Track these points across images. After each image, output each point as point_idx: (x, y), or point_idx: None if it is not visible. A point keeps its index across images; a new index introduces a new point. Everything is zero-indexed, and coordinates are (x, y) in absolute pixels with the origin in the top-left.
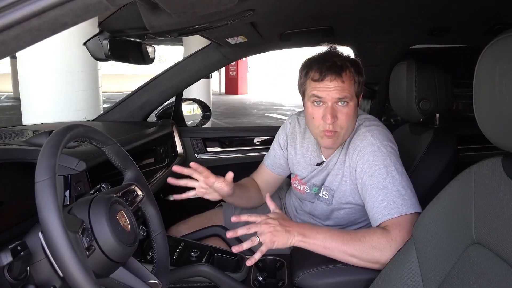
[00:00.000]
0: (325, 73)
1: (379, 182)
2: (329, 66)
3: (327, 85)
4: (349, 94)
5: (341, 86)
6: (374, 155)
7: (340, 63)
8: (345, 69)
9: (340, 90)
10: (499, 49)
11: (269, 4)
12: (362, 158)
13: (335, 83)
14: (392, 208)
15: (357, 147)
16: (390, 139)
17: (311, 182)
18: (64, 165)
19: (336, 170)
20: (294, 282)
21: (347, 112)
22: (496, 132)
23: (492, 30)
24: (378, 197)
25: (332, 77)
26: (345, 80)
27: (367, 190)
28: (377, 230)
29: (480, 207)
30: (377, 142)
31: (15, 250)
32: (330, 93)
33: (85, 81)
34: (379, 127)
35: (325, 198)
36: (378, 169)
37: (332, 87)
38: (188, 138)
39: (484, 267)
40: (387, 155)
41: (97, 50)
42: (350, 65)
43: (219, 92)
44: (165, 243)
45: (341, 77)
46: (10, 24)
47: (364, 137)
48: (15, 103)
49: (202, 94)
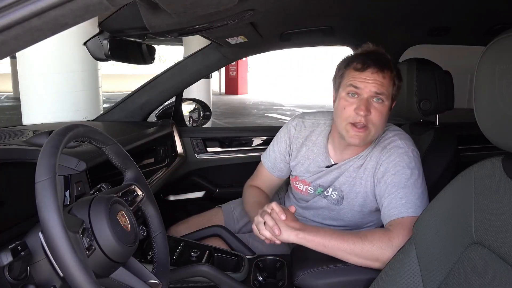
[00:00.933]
0: (368, 64)
1: (402, 181)
2: (374, 58)
3: (367, 76)
4: (386, 92)
5: (381, 81)
6: (400, 156)
7: (385, 60)
8: (388, 67)
9: (379, 85)
10: (499, 49)
11: (269, 4)
12: (388, 158)
13: (376, 76)
14: (410, 207)
15: (384, 149)
16: (415, 146)
17: (317, 182)
18: (64, 165)
19: (350, 172)
20: (294, 282)
21: (381, 110)
22: (496, 132)
23: (492, 30)
24: (397, 195)
25: (375, 69)
26: (386, 77)
27: (388, 187)
28: (378, 229)
29: (480, 207)
30: (405, 146)
31: (15, 250)
32: (369, 85)
33: (85, 81)
34: (406, 135)
35: (333, 198)
36: (402, 169)
37: (372, 80)
38: (188, 138)
39: (484, 267)
40: (413, 159)
41: (97, 50)
42: (393, 66)
43: (219, 92)
44: (165, 243)
45: (383, 72)
46: (10, 24)
47: (392, 140)
48: (15, 103)
49: (202, 94)
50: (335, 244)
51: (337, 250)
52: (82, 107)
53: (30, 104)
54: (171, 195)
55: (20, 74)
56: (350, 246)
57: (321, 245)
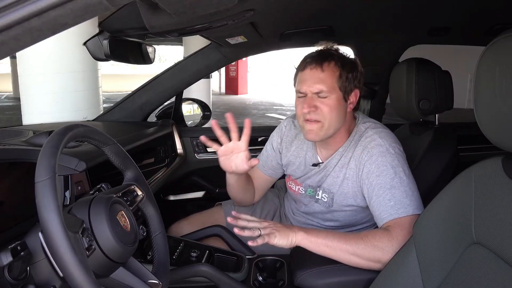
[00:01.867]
0: (307, 62)
1: (387, 182)
2: (313, 55)
3: (307, 75)
4: (328, 87)
5: (319, 77)
6: (382, 156)
7: (326, 53)
8: (328, 60)
9: (318, 82)
10: (499, 49)
11: (269, 4)
12: (370, 158)
13: (314, 73)
14: (399, 208)
15: (365, 148)
16: (397, 141)
17: (306, 183)
18: (64, 165)
19: (336, 173)
20: (294, 282)
21: (328, 103)
22: (496, 132)
23: (492, 30)
24: (385, 197)
25: (312, 65)
26: (325, 70)
27: (374, 189)
28: (378, 229)
29: (480, 207)
30: (385, 143)
31: (15, 250)
32: (308, 83)
33: (85, 81)
34: (386, 130)
35: (324, 201)
36: (386, 169)
37: (310, 77)
38: (188, 138)
39: (484, 267)
40: (395, 157)
41: (97, 50)
42: (337, 58)
43: (219, 92)
44: (165, 243)
45: (321, 66)
46: (10, 24)
47: (372, 138)
48: (15, 103)
49: (202, 94)
50: (337, 245)
51: (339, 251)
52: (82, 107)
53: (30, 104)
54: (171, 195)
55: (20, 74)
56: (353, 247)
57: (323, 245)
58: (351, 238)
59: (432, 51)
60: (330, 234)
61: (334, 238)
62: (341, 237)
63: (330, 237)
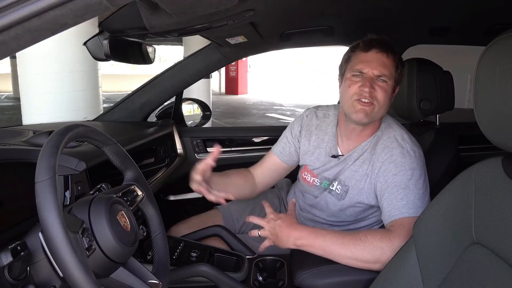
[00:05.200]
0: (373, 44)
1: (402, 181)
2: (379, 40)
3: (372, 56)
4: (389, 73)
5: (384, 61)
6: (402, 156)
7: (389, 44)
8: (392, 50)
9: (382, 66)
10: (499, 49)
11: (269, 4)
12: (390, 157)
13: (380, 56)
14: (410, 208)
15: (386, 147)
16: (418, 146)
17: (323, 175)
18: (64, 165)
19: (356, 167)
20: (294, 282)
21: (385, 88)
22: (496, 132)
23: (492, 30)
24: (398, 195)
25: (378, 50)
26: (389, 57)
27: (388, 187)
28: (379, 230)
29: (480, 207)
30: (407, 145)
31: (15, 250)
32: (372, 65)
33: (85, 81)
34: (409, 133)
35: (337, 192)
36: (403, 170)
37: (376, 59)
38: (188, 138)
39: (484, 267)
40: (415, 160)
41: (97, 50)
42: (396, 52)
43: (219, 92)
44: (165, 243)
45: (386, 53)
46: (10, 24)
47: (395, 139)
48: (15, 103)
49: (202, 94)
50: (335, 250)
51: (337, 256)
52: (82, 107)
53: (30, 104)
54: (171, 195)
55: (20, 74)
56: (351, 251)
57: (321, 250)
58: (349, 240)
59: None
60: (327, 239)
61: (332, 243)
62: (338, 241)
63: (327, 242)
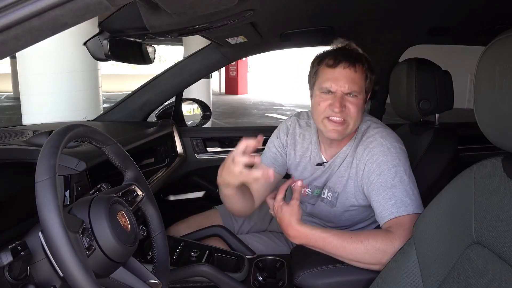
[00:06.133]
0: (340, 59)
1: (387, 181)
2: (346, 53)
3: (339, 73)
4: (358, 88)
5: (352, 77)
6: (383, 155)
7: (356, 54)
8: (359, 62)
9: (350, 82)
10: (499, 49)
11: (269, 4)
12: (371, 158)
13: (347, 72)
14: (400, 206)
15: (366, 148)
16: (399, 140)
17: (313, 184)
18: (64, 165)
19: (341, 172)
20: (294, 282)
21: (357, 103)
22: (496, 132)
23: (492, 30)
24: (385, 195)
25: (346, 64)
26: (357, 71)
27: (374, 188)
28: (379, 231)
29: (480, 207)
30: (386, 143)
31: (15, 250)
32: (341, 82)
33: (85, 81)
34: (387, 129)
35: (329, 199)
36: (387, 168)
37: (344, 76)
38: (188, 138)
39: (484, 267)
40: (397, 156)
41: (97, 50)
42: (364, 60)
43: (219, 92)
44: (165, 243)
45: (354, 67)
46: (10, 24)
47: (373, 138)
48: (15, 103)
49: (202, 94)
50: (335, 253)
51: (338, 257)
52: (82, 107)
53: (30, 104)
54: (171, 195)
55: (20, 74)
56: (352, 254)
57: (321, 251)
58: (350, 244)
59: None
60: (328, 242)
61: (332, 245)
62: (339, 243)
63: (328, 245)
